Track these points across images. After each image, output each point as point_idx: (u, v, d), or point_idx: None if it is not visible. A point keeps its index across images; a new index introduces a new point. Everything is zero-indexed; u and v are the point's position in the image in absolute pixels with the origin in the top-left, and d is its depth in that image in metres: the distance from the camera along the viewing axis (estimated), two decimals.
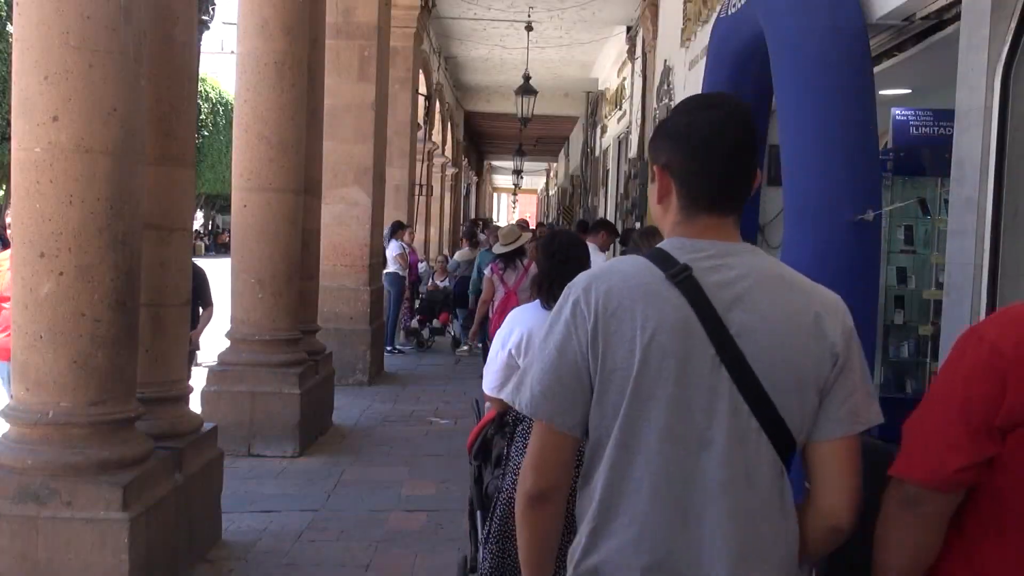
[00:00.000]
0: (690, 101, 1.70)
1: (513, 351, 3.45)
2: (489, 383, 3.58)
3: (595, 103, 21.22)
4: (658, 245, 1.63)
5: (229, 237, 9.44)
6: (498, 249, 7.84)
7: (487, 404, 3.73)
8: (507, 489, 3.27)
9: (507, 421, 3.50)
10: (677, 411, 1.51)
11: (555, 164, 36.50)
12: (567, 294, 1.60)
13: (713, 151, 1.58)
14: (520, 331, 3.46)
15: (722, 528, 1.50)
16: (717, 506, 1.50)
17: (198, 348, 6.16)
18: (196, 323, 5.63)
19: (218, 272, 9.69)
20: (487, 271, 7.90)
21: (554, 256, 3.48)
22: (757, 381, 1.50)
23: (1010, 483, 1.44)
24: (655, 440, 1.51)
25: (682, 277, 1.53)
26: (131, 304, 3.67)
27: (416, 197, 14.82)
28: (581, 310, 1.54)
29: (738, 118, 1.61)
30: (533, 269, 4.68)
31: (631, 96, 15.14)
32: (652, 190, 1.68)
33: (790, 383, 1.52)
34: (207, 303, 5.91)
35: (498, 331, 3.71)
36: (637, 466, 1.53)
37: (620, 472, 1.54)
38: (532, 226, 19.92)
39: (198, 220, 39.90)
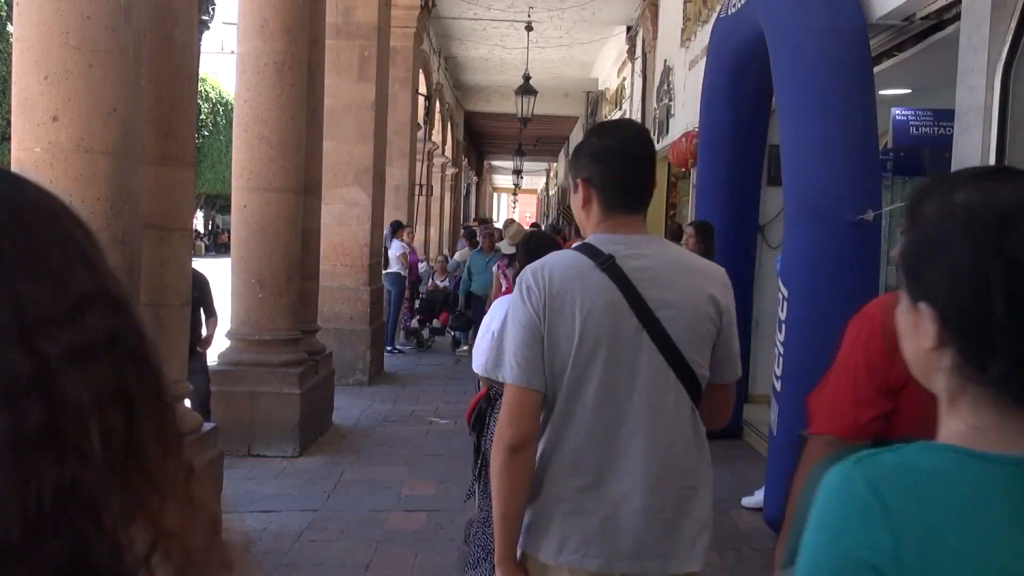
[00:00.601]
0: (602, 127, 2.20)
1: (496, 334, 3.75)
2: (478, 363, 3.91)
3: (595, 103, 21.22)
4: (585, 241, 2.06)
5: (229, 237, 9.44)
6: (506, 248, 8.18)
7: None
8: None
9: (490, 396, 3.79)
10: (610, 369, 1.93)
11: (555, 164, 36.49)
12: (520, 282, 2.00)
13: (623, 164, 2.04)
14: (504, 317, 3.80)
15: (644, 455, 1.93)
16: (640, 439, 1.94)
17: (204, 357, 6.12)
18: (196, 332, 5.58)
19: (218, 272, 9.69)
20: (494, 267, 8.24)
21: (531, 254, 3.81)
22: (672, 342, 1.94)
23: (899, 433, 1.74)
24: (593, 392, 1.93)
25: (608, 264, 1.94)
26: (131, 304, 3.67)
27: (416, 197, 14.83)
28: (533, 292, 1.95)
29: (639, 138, 2.11)
30: None
31: (631, 96, 15.14)
32: (575, 199, 2.10)
33: (695, 343, 1.97)
34: (211, 312, 5.86)
35: (485, 317, 4.05)
36: (579, 411, 1.94)
37: (566, 417, 1.95)
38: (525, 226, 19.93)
39: (198, 220, 39.91)
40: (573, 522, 1.93)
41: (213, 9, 6.26)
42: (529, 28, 14.52)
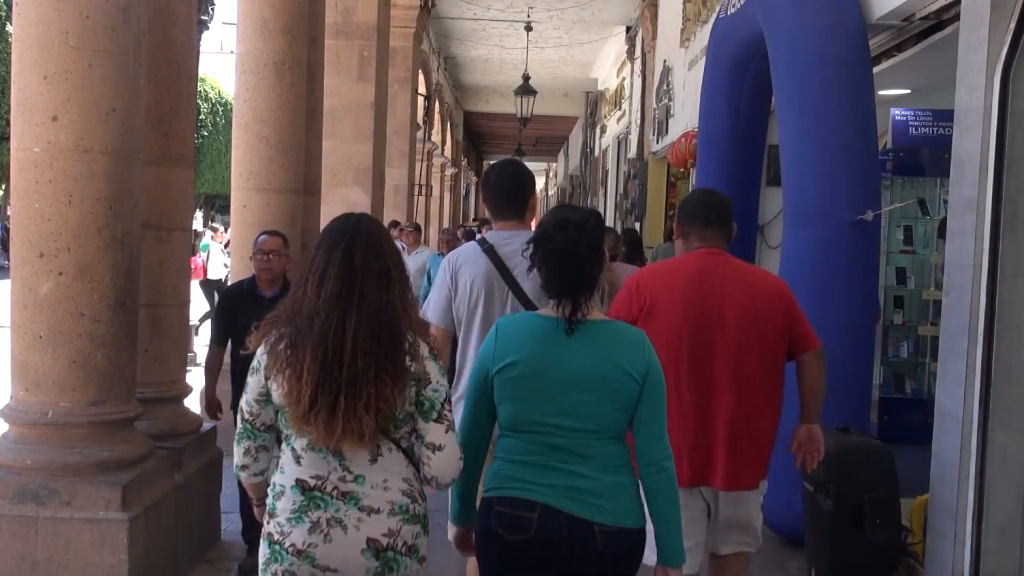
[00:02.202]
0: (490, 166, 3.61)
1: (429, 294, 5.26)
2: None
3: (594, 103, 21.22)
4: (482, 235, 3.55)
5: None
6: None
7: None
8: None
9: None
10: (488, 312, 3.14)
11: (554, 164, 36.49)
12: (443, 262, 3.32)
13: (493, 188, 3.36)
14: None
15: None
16: None
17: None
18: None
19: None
20: None
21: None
22: (525, 295, 3.12)
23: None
24: (479, 326, 3.16)
25: (488, 249, 3.19)
26: (130, 304, 3.67)
27: (415, 197, 14.82)
28: (447, 268, 3.24)
29: (511, 171, 3.39)
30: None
31: (630, 96, 15.14)
32: None
33: (538, 295, 2.94)
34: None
35: None
36: (473, 338, 3.16)
37: (466, 343, 3.19)
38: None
39: (197, 220, 39.83)
40: None
41: (212, 9, 6.26)
42: (528, 28, 14.53)
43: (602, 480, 2.31)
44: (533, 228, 2.95)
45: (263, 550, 2.28)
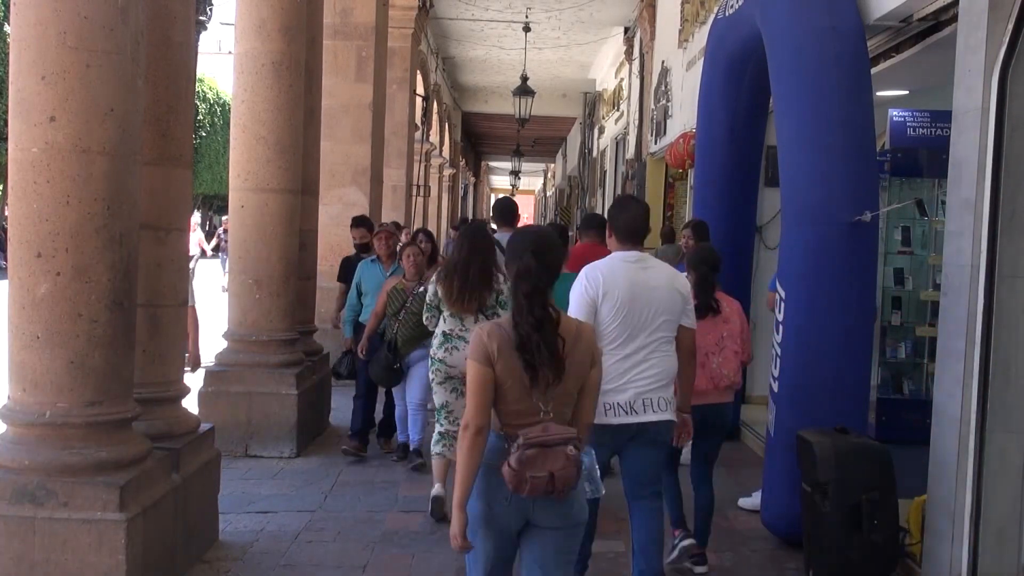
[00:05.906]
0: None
1: None
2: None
3: (593, 104, 21.22)
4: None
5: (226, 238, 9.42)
6: None
7: None
8: None
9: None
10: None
11: (553, 165, 36.49)
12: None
13: (497, 211, 6.85)
14: None
15: None
16: None
17: None
18: None
19: (215, 272, 9.57)
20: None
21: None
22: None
23: None
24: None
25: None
26: (128, 304, 3.67)
27: (414, 198, 14.81)
28: None
29: (507, 204, 6.82)
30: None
31: (629, 97, 15.15)
32: None
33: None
34: None
35: None
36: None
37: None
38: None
39: (195, 220, 39.76)
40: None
41: (211, 9, 6.27)
42: (527, 29, 14.53)
43: None
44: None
45: (431, 363, 5.06)
